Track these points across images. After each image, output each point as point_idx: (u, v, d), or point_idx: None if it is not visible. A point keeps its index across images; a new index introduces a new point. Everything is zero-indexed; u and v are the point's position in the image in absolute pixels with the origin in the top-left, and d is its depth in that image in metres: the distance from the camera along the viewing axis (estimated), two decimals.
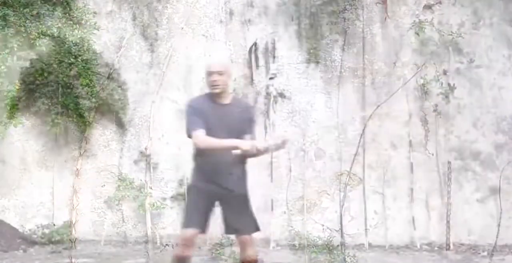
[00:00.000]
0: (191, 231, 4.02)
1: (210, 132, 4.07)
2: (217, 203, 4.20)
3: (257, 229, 4.24)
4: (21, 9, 7.06)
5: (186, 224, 4.10)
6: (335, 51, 6.86)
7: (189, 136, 4.18)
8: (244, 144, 3.88)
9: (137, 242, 6.82)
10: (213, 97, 4.21)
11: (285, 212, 6.76)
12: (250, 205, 4.29)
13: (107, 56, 6.98)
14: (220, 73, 4.14)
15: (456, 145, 6.73)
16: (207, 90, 4.21)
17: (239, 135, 4.08)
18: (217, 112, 4.15)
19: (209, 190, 4.13)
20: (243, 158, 4.04)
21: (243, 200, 4.25)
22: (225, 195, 4.15)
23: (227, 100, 4.22)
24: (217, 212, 4.22)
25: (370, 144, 6.78)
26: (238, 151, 3.87)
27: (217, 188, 4.14)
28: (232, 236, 4.38)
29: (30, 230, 6.65)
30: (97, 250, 6.47)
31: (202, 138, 4.04)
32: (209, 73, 4.17)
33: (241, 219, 4.20)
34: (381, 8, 6.84)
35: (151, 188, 6.83)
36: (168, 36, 7.01)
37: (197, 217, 4.09)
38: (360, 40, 6.83)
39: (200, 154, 4.18)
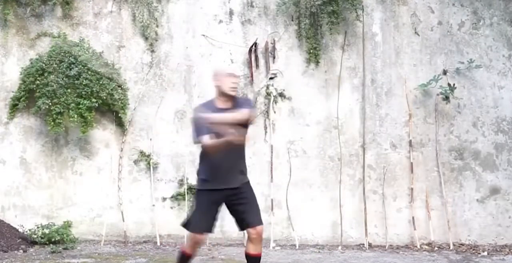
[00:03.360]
0: (201, 235, 4.45)
1: (218, 136, 4.30)
2: (225, 201, 4.48)
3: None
4: (21, 9, 7.07)
5: (197, 227, 4.45)
6: (335, 51, 6.86)
7: (196, 142, 4.45)
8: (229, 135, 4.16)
9: (137, 242, 6.83)
10: (218, 102, 4.51)
11: (285, 212, 6.77)
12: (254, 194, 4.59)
13: (107, 56, 6.98)
14: (239, 78, 4.61)
15: (456, 145, 6.73)
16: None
17: (242, 127, 4.34)
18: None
19: (218, 192, 4.41)
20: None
21: (250, 189, 4.55)
22: (234, 193, 4.44)
23: (229, 103, 4.49)
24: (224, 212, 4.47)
25: (370, 144, 6.78)
26: (228, 138, 4.16)
27: (227, 188, 4.42)
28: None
29: (30, 230, 6.65)
30: (97, 250, 6.47)
31: (208, 142, 4.28)
32: (232, 76, 4.50)
33: (253, 209, 4.49)
34: (381, 8, 6.85)
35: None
36: (168, 36, 7.01)
37: (206, 221, 4.44)
38: (360, 40, 6.83)
39: (207, 156, 4.42)
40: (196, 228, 4.44)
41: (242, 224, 4.48)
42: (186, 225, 4.59)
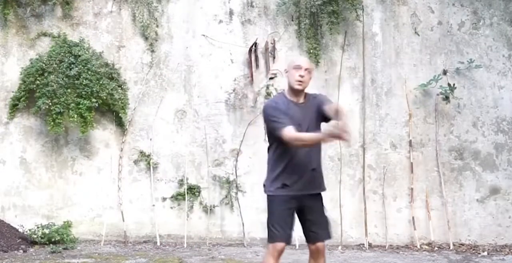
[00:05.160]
0: (280, 245, 3.99)
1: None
2: (300, 207, 4.08)
3: (330, 235, 4.21)
4: (21, 9, 7.07)
5: (275, 237, 4.01)
6: (335, 51, 6.86)
7: (278, 135, 3.94)
8: (325, 137, 3.76)
9: (137, 242, 6.83)
10: (291, 96, 4.07)
11: None
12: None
13: (107, 56, 6.98)
14: (307, 70, 4.02)
15: (456, 145, 6.73)
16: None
17: (314, 129, 3.98)
18: (298, 111, 4.01)
19: (292, 196, 4.03)
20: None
21: (322, 200, 4.20)
22: (309, 197, 4.08)
23: (303, 98, 4.09)
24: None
25: (370, 144, 6.78)
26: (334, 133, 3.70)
27: (302, 190, 4.04)
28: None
29: (30, 230, 6.65)
30: (97, 250, 6.47)
31: (292, 134, 3.87)
32: (297, 67, 4.02)
33: (323, 222, 4.13)
34: (381, 8, 6.85)
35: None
36: (168, 36, 7.02)
37: (284, 230, 4.01)
38: (360, 40, 6.83)
39: (282, 155, 4.02)
40: (274, 237, 4.03)
41: (310, 236, 4.15)
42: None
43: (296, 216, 4.10)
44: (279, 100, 4.09)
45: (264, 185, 4.14)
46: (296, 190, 4.02)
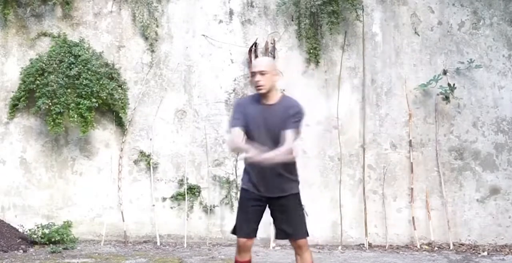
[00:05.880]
0: (241, 240, 4.08)
1: (252, 133, 4.03)
2: (269, 205, 4.15)
3: (307, 233, 4.18)
4: (21, 9, 7.07)
5: (237, 231, 4.13)
6: (335, 51, 6.86)
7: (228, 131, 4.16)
8: (253, 155, 3.79)
9: (137, 242, 6.83)
10: (260, 97, 4.09)
11: None
12: (301, 207, 4.23)
13: (107, 56, 6.98)
14: (262, 73, 4.01)
15: (456, 145, 6.73)
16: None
17: (279, 133, 3.97)
18: (261, 113, 4.04)
19: (259, 195, 4.10)
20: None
21: (294, 201, 4.17)
22: (278, 197, 4.11)
23: (273, 100, 4.09)
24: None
25: (370, 144, 6.78)
26: (245, 156, 3.86)
27: (268, 192, 4.10)
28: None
29: (30, 230, 6.64)
30: (97, 250, 6.47)
31: (231, 137, 4.02)
32: (252, 74, 4.06)
33: (294, 221, 4.12)
34: (381, 8, 6.85)
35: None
36: (168, 36, 7.01)
37: (245, 225, 4.09)
38: (360, 40, 6.83)
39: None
40: (236, 231, 4.16)
41: (279, 233, 4.23)
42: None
43: (267, 212, 4.17)
44: (248, 99, 4.21)
45: (241, 179, 4.27)
46: (263, 191, 4.08)
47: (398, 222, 6.71)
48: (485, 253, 6.28)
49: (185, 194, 6.84)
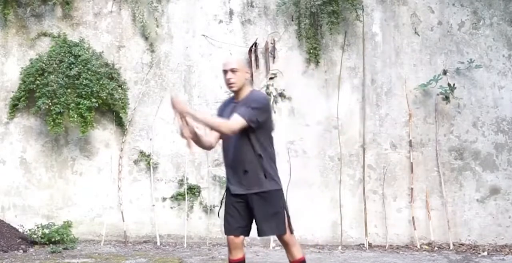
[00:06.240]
0: (230, 238, 4.12)
1: None
2: (247, 202, 4.12)
3: (284, 230, 4.15)
4: (21, 9, 7.07)
5: (224, 230, 4.17)
6: (335, 51, 6.86)
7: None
8: (175, 98, 3.82)
9: (137, 242, 6.83)
10: (235, 95, 4.16)
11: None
12: (280, 204, 4.15)
13: (107, 56, 6.98)
14: (233, 71, 4.05)
15: (456, 145, 6.73)
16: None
17: (247, 132, 4.00)
18: (231, 110, 4.08)
19: (233, 191, 4.12)
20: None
21: (268, 199, 4.11)
22: (251, 194, 4.09)
23: (243, 96, 4.12)
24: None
25: (370, 144, 6.78)
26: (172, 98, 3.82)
27: (240, 189, 4.10)
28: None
29: (30, 230, 6.65)
30: (97, 250, 6.47)
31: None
32: (224, 72, 4.10)
33: (268, 218, 4.10)
34: (381, 8, 6.85)
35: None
36: (168, 36, 7.02)
37: (229, 223, 4.13)
38: (360, 40, 6.83)
39: (222, 153, 4.23)
40: (224, 229, 4.21)
41: (258, 231, 4.21)
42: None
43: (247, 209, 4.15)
44: (227, 99, 4.29)
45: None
46: (236, 189, 4.11)
47: (398, 222, 6.71)
48: (485, 253, 6.28)
49: (185, 194, 6.84)
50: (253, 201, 4.08)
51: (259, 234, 4.15)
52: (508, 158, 6.69)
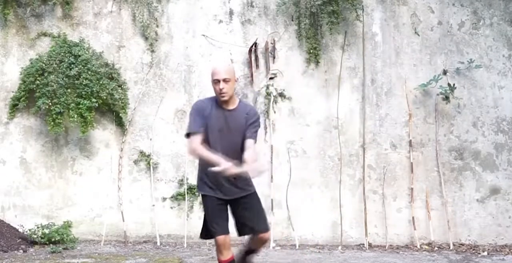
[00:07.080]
0: (221, 238, 4.18)
1: (211, 137, 4.11)
2: (231, 204, 4.29)
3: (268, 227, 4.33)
4: (21, 9, 7.07)
5: (214, 234, 4.21)
6: (335, 51, 6.86)
7: (187, 136, 4.20)
8: (225, 165, 3.86)
9: (137, 242, 6.83)
10: (220, 102, 4.17)
11: (285, 212, 6.76)
12: (261, 203, 4.37)
13: (107, 56, 6.98)
14: (226, 81, 4.08)
15: (456, 145, 6.73)
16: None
17: (242, 140, 4.13)
18: (224, 118, 4.13)
19: (217, 197, 4.23)
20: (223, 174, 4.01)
21: (255, 198, 4.32)
22: (234, 199, 4.25)
23: (233, 104, 4.18)
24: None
25: (370, 144, 6.78)
26: (216, 169, 3.89)
27: (226, 195, 4.23)
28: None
29: (30, 230, 6.65)
30: (97, 250, 6.47)
31: (194, 145, 4.08)
32: (215, 82, 4.10)
33: (257, 217, 4.26)
34: (381, 8, 6.85)
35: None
36: (168, 36, 7.02)
37: (220, 225, 4.21)
38: (360, 40, 6.83)
39: (201, 160, 4.21)
40: (213, 232, 4.27)
41: (240, 230, 4.38)
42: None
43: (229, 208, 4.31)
44: (207, 102, 4.20)
45: (197, 185, 4.37)
46: (222, 196, 4.20)
47: (398, 222, 6.71)
48: (485, 253, 6.28)
49: (185, 194, 6.84)
50: (246, 201, 4.22)
51: (259, 233, 4.24)
52: (508, 158, 6.69)
